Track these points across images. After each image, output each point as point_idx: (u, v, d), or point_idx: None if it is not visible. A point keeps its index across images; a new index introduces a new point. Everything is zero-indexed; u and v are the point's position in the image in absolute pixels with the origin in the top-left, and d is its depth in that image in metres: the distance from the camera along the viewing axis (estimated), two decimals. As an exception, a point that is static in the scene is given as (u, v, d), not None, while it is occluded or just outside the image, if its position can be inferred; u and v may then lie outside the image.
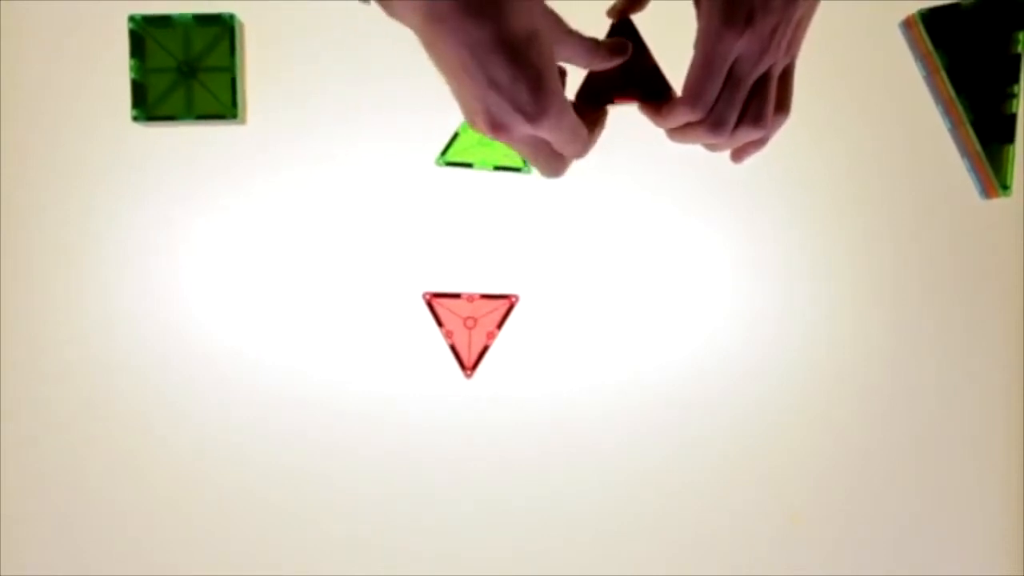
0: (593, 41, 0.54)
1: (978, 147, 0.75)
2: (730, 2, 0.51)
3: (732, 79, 0.54)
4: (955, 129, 0.77)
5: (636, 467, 0.80)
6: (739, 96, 0.55)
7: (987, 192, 0.77)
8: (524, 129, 0.49)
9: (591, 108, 0.59)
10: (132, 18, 0.73)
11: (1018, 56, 0.75)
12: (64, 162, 0.76)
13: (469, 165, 0.76)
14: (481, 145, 0.75)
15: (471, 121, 0.51)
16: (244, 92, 0.75)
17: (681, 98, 0.56)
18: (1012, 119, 0.75)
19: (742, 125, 0.56)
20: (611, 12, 0.62)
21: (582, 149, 0.54)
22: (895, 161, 0.80)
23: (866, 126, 0.79)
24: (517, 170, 0.76)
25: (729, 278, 0.80)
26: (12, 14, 0.76)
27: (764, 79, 0.55)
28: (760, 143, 0.62)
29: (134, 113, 0.74)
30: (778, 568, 0.81)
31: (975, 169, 0.77)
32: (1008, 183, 0.76)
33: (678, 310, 0.79)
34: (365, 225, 0.78)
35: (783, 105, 0.59)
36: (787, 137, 0.75)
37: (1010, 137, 0.75)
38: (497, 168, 0.76)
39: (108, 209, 0.77)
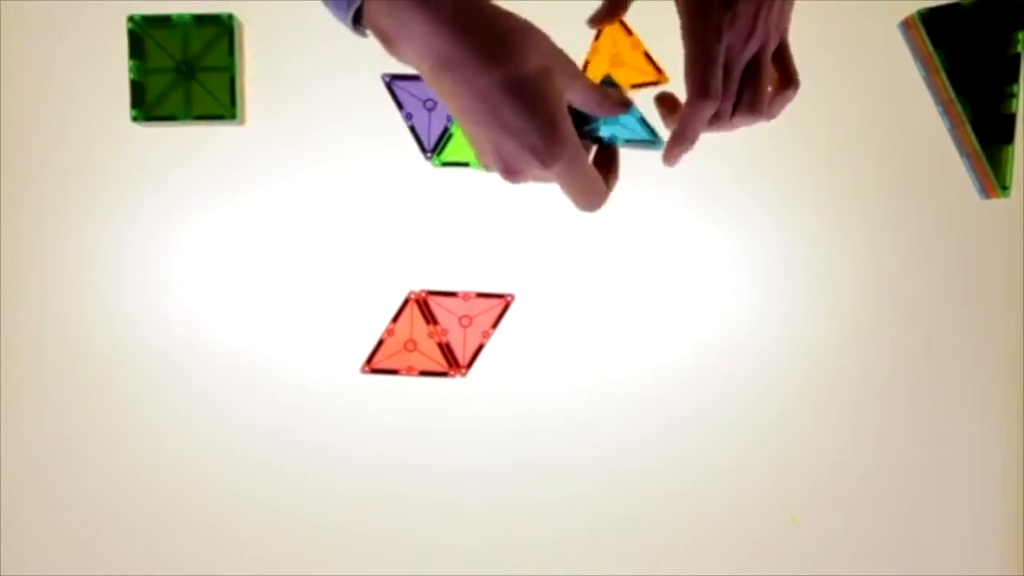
0: (600, 89, 0.53)
1: (977, 147, 0.75)
2: None
3: (724, 66, 0.54)
4: (955, 129, 0.77)
5: (633, 466, 0.80)
6: (732, 83, 0.55)
7: (987, 192, 0.77)
8: (538, 173, 0.48)
9: (604, 157, 0.57)
10: (131, 18, 0.73)
11: (1017, 56, 0.74)
12: (64, 162, 0.77)
13: (465, 164, 0.76)
14: None
15: (485, 163, 0.50)
16: (243, 92, 0.75)
17: (691, 94, 0.55)
18: (1011, 119, 0.75)
19: (738, 113, 0.56)
20: (592, 20, 0.62)
21: (598, 200, 0.53)
22: (895, 161, 0.80)
23: (866, 126, 0.79)
24: None
25: (728, 278, 0.80)
26: (12, 14, 0.76)
27: (756, 64, 0.55)
28: (768, 118, 0.61)
29: (133, 113, 0.74)
30: (778, 568, 0.81)
31: (975, 169, 0.77)
32: (1007, 183, 0.75)
33: (676, 310, 0.79)
34: (363, 224, 0.78)
35: (790, 80, 0.58)
36: (787, 136, 0.75)
37: (1009, 137, 0.75)
38: None
39: (108, 209, 0.77)
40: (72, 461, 0.78)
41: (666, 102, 0.59)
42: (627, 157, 0.77)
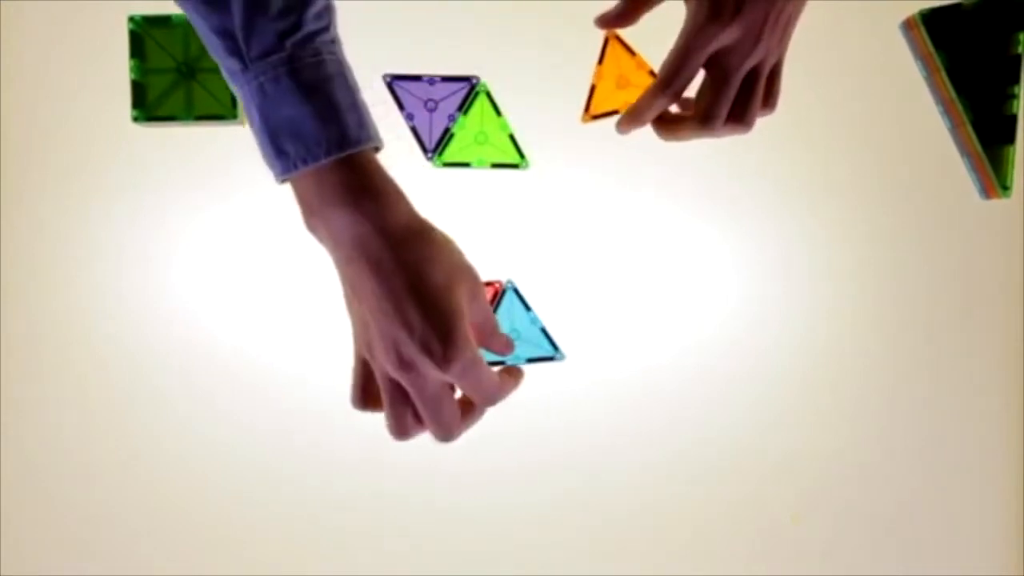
0: (495, 321, 0.55)
1: (978, 147, 0.75)
2: None
3: (723, 73, 0.54)
4: (955, 129, 0.77)
5: (633, 466, 0.80)
6: (730, 91, 0.55)
7: (987, 192, 0.77)
8: (432, 372, 0.49)
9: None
10: (132, 18, 0.73)
11: (1018, 57, 0.74)
12: (64, 162, 0.76)
13: (467, 165, 0.76)
14: (477, 144, 0.75)
15: (374, 357, 0.50)
16: (244, 92, 0.75)
17: (652, 85, 0.56)
18: (1012, 120, 0.75)
19: (727, 123, 0.56)
20: (600, 21, 0.62)
21: (494, 398, 0.54)
22: (895, 161, 0.80)
23: (866, 126, 0.79)
24: (515, 166, 0.76)
25: (728, 278, 0.80)
26: (12, 14, 0.76)
27: (753, 77, 0.55)
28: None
29: (134, 114, 0.73)
30: (778, 568, 0.82)
31: (975, 169, 0.77)
32: (1008, 183, 0.75)
33: (676, 310, 0.79)
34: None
35: (769, 101, 0.59)
36: (787, 136, 0.75)
37: (1010, 138, 0.75)
38: (495, 166, 0.76)
39: (108, 209, 0.77)
40: (72, 461, 0.78)
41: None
42: (627, 156, 0.78)
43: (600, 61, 0.73)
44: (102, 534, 0.78)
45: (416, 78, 0.74)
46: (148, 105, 0.74)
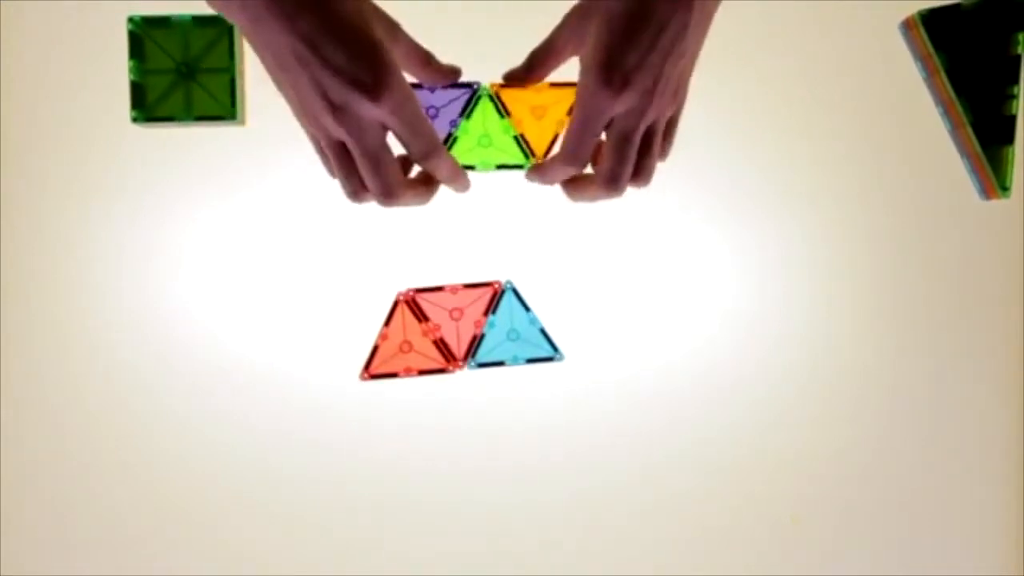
0: (426, 51, 0.56)
1: (978, 148, 0.75)
2: (607, 65, 0.51)
3: (621, 136, 0.55)
4: (955, 130, 0.77)
5: (633, 466, 0.80)
6: (630, 152, 0.55)
7: (987, 193, 0.77)
8: (366, 111, 0.49)
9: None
10: (131, 19, 0.73)
11: (1018, 57, 0.74)
12: (63, 163, 0.76)
13: (471, 167, 0.75)
14: (481, 147, 0.75)
15: (310, 116, 0.51)
16: (243, 93, 0.75)
17: (558, 155, 0.57)
18: (1012, 120, 0.75)
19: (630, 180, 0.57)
20: (508, 79, 0.63)
21: (430, 145, 0.54)
22: (895, 162, 0.80)
23: (866, 127, 0.79)
24: (520, 167, 0.75)
25: (728, 277, 0.80)
26: (12, 14, 0.76)
27: (649, 134, 0.56)
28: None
29: (133, 114, 0.73)
30: (778, 568, 0.82)
31: (975, 170, 0.77)
32: (1008, 184, 0.75)
33: (676, 310, 0.79)
34: (361, 225, 0.78)
35: (663, 151, 0.59)
36: (787, 136, 0.75)
37: (1010, 138, 0.75)
38: (500, 167, 0.75)
39: (107, 210, 0.77)
40: (72, 461, 0.78)
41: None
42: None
43: (507, 113, 0.73)
44: (102, 534, 0.78)
45: (416, 86, 0.74)
46: (147, 106, 0.74)
